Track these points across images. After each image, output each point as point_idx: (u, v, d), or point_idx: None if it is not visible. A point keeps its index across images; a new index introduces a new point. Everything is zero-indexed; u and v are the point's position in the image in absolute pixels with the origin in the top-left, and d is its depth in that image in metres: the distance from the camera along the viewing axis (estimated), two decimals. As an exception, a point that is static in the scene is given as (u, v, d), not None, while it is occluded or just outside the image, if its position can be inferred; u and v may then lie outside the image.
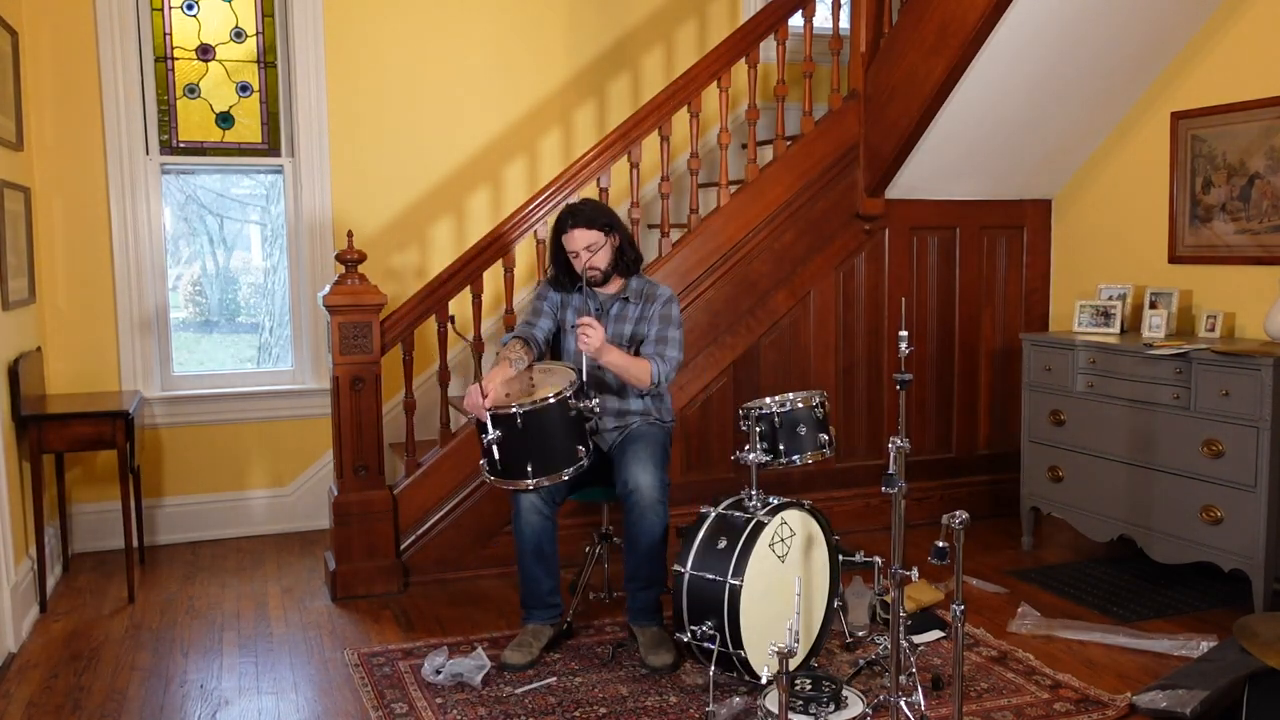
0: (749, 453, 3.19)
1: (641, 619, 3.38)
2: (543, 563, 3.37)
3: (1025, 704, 3.03)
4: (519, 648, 3.31)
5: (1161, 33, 4.15)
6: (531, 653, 3.31)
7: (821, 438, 3.39)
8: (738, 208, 4.46)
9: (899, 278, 4.78)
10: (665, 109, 4.36)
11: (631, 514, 3.27)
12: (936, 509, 4.72)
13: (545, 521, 3.34)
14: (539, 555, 3.36)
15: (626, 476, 3.28)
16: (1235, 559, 3.59)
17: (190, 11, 4.75)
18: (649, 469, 3.29)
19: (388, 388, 4.43)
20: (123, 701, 3.12)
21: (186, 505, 4.80)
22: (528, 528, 3.32)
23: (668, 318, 3.49)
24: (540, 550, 3.36)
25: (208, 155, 4.84)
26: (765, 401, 3.39)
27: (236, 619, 3.82)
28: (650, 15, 5.34)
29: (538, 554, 3.36)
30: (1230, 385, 3.58)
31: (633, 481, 3.26)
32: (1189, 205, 4.28)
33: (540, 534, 3.34)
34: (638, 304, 3.52)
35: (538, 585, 3.39)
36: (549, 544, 3.37)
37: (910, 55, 4.23)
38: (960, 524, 2.41)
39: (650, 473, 3.28)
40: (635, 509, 3.26)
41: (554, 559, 3.40)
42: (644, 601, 3.37)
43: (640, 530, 3.27)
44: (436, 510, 4.14)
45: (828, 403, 3.46)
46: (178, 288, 5.03)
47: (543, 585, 3.40)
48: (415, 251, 5.04)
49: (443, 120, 5.02)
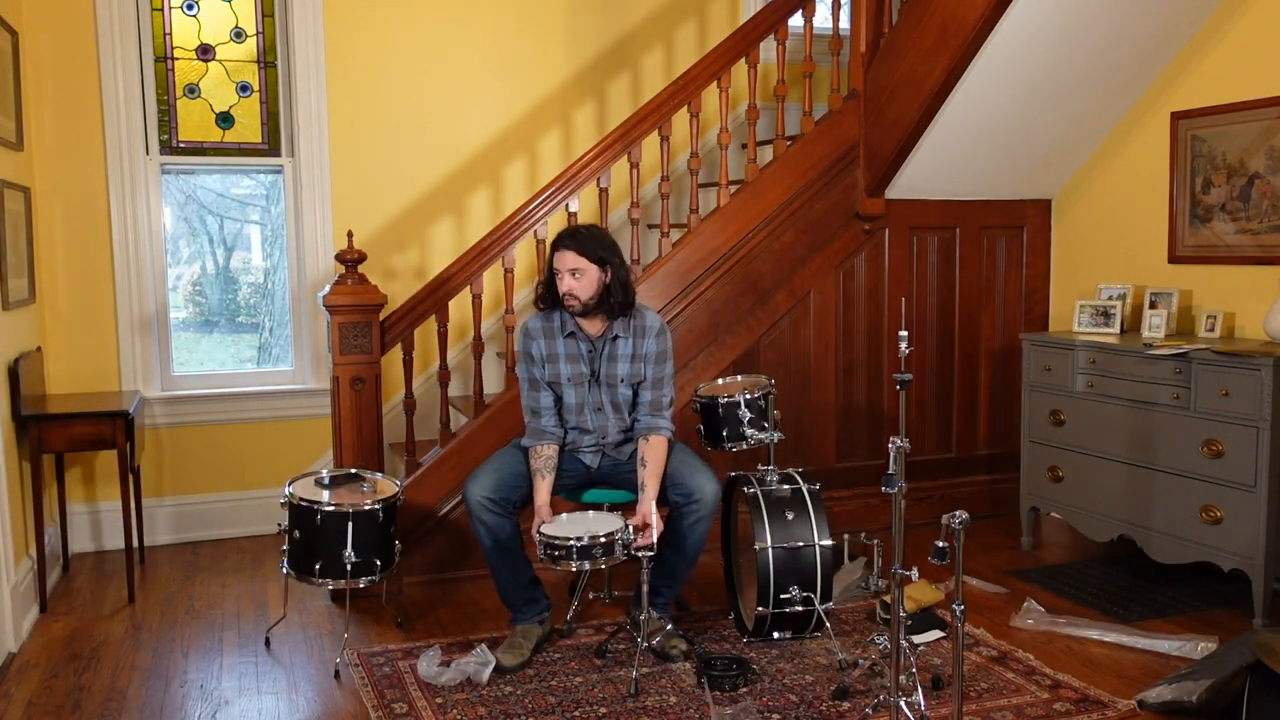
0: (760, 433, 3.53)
1: (661, 613, 3.46)
2: (508, 558, 3.37)
3: (1025, 704, 3.03)
4: (510, 649, 3.31)
5: (1161, 33, 4.15)
6: (523, 654, 3.30)
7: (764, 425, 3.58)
8: (738, 208, 4.46)
9: (899, 278, 4.78)
10: (665, 109, 4.36)
11: (687, 519, 3.35)
12: (936, 509, 4.72)
13: (499, 519, 3.32)
14: (501, 551, 3.35)
15: (692, 486, 3.33)
16: (1235, 559, 3.59)
17: (190, 11, 4.75)
18: (710, 477, 3.37)
19: (388, 388, 4.43)
20: (123, 701, 3.13)
21: (186, 505, 4.80)
22: (481, 526, 3.33)
23: (664, 355, 3.45)
24: (500, 546, 3.34)
25: (208, 155, 4.84)
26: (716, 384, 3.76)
27: (236, 619, 3.82)
28: (650, 15, 5.34)
29: (499, 549, 3.34)
30: (1230, 385, 3.58)
31: (699, 490, 3.32)
32: (1189, 205, 4.28)
33: (496, 530, 3.32)
34: (628, 338, 3.43)
35: (508, 583, 3.40)
36: (510, 540, 3.35)
37: (910, 55, 4.23)
38: (960, 524, 2.41)
39: (712, 480, 3.37)
40: (694, 514, 3.33)
41: (518, 554, 3.39)
42: (669, 597, 3.49)
43: (696, 534, 3.36)
44: (436, 510, 4.14)
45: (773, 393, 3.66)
46: (178, 288, 5.03)
47: (513, 582, 3.40)
48: (415, 251, 5.04)
49: (443, 120, 5.03)
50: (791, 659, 3.34)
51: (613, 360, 3.43)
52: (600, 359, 3.43)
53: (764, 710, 2.98)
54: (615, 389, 3.43)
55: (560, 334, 3.44)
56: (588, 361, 3.43)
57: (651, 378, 3.44)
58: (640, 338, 3.43)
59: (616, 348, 3.43)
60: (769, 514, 3.38)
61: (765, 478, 3.50)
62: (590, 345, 3.44)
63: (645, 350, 3.43)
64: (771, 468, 3.55)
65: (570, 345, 3.44)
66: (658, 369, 3.45)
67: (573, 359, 3.43)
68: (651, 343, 3.43)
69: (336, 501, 3.37)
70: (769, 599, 3.35)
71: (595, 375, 3.43)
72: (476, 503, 3.32)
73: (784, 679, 3.19)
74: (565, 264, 3.32)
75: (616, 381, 3.43)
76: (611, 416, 3.45)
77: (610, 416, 3.45)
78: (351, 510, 3.33)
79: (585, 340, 3.44)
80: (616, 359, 3.43)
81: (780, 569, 3.34)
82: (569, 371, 3.43)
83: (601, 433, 3.47)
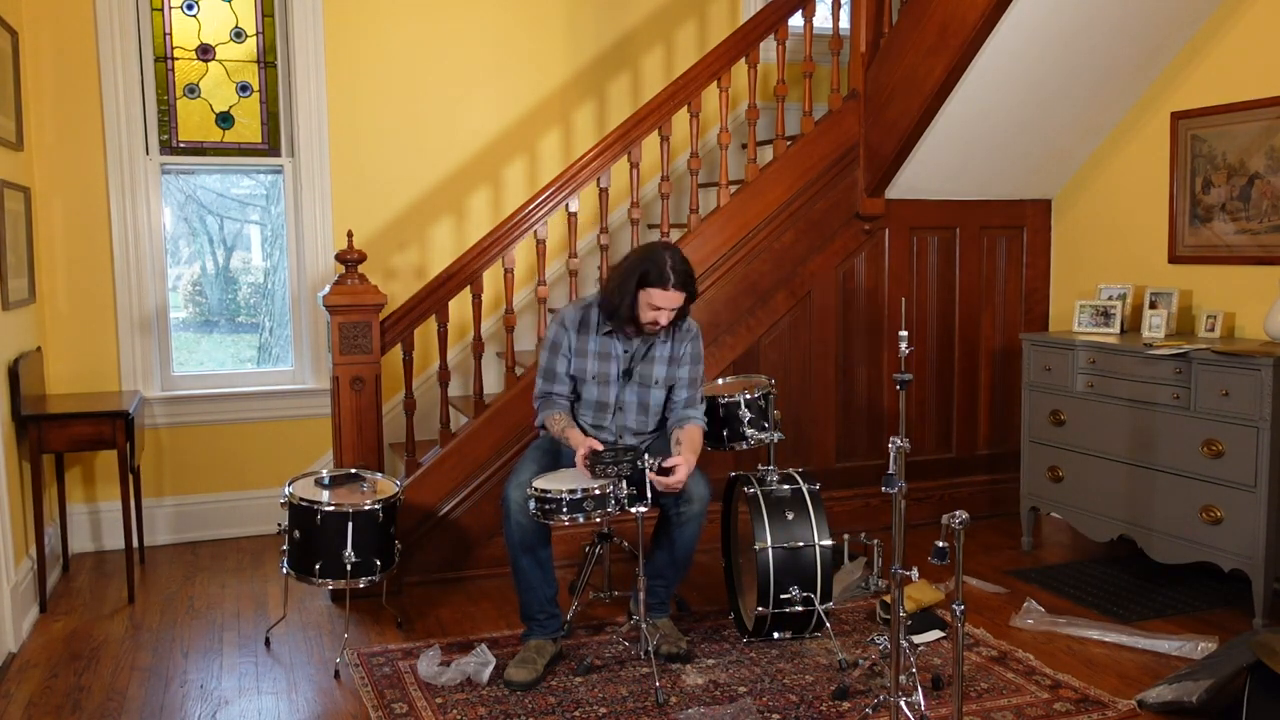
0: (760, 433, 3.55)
1: (658, 613, 3.46)
2: (539, 570, 3.30)
3: (1025, 704, 3.03)
4: (523, 664, 3.20)
5: (1161, 33, 4.15)
6: (536, 670, 3.19)
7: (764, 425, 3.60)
8: (738, 208, 4.46)
9: (899, 278, 4.78)
10: (665, 109, 4.36)
11: (678, 522, 3.35)
12: (936, 509, 4.72)
13: (536, 523, 3.21)
14: (534, 559, 3.28)
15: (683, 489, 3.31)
16: (1235, 559, 3.59)
17: (190, 11, 4.75)
18: (702, 480, 3.37)
19: (388, 388, 4.43)
20: (123, 701, 3.13)
21: (186, 505, 4.80)
22: (518, 530, 3.24)
23: (698, 356, 3.48)
24: (534, 553, 3.27)
25: (208, 155, 4.84)
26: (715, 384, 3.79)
27: (236, 619, 3.82)
28: (650, 15, 5.34)
29: (532, 557, 3.27)
30: (1230, 385, 3.58)
31: (689, 493, 3.32)
32: (1189, 205, 4.28)
33: (532, 534, 3.24)
34: (666, 340, 3.43)
35: (534, 593, 3.30)
36: (544, 548, 3.29)
37: (910, 55, 4.23)
38: (960, 524, 2.41)
39: (703, 484, 3.36)
40: (684, 516, 3.34)
41: (549, 565, 3.33)
42: (664, 597, 3.48)
43: (686, 536, 3.36)
44: (436, 510, 4.14)
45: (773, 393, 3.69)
46: (178, 288, 5.03)
47: (540, 595, 3.31)
48: (415, 251, 5.04)
49: (443, 120, 5.02)
50: (791, 659, 3.34)
51: (650, 362, 3.42)
52: (638, 360, 3.42)
53: (764, 710, 2.98)
54: (649, 389, 3.43)
55: (596, 331, 3.41)
56: (623, 361, 3.41)
57: (688, 378, 3.46)
58: (679, 343, 3.44)
59: (655, 349, 3.42)
60: (769, 514, 3.38)
61: (765, 478, 3.51)
62: (627, 346, 3.42)
63: (683, 353, 3.45)
64: (771, 468, 3.55)
65: (605, 344, 3.41)
66: (694, 369, 3.47)
67: (604, 357, 3.40)
68: (689, 346, 3.45)
69: (336, 501, 3.37)
70: (769, 599, 3.35)
71: (629, 375, 3.41)
72: (519, 505, 3.23)
73: (784, 679, 3.19)
74: (666, 302, 3.26)
75: (651, 383, 3.42)
76: (633, 417, 3.43)
77: (632, 417, 3.43)
78: (351, 510, 3.33)
79: (624, 341, 3.42)
80: (654, 361, 3.43)
81: (780, 569, 3.34)
82: (595, 369, 3.40)
83: (618, 434, 3.45)
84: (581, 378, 3.43)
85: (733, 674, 3.23)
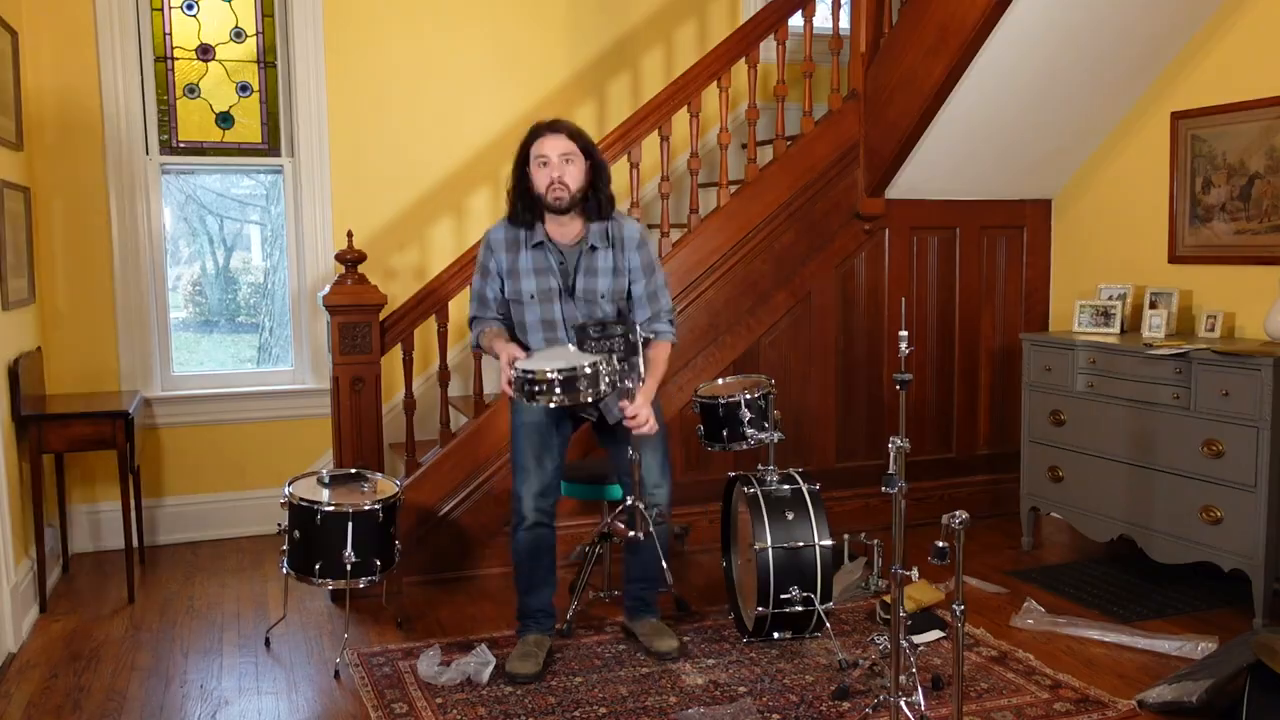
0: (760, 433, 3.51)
1: (644, 612, 3.45)
2: (543, 571, 3.35)
3: (1025, 704, 3.03)
4: (524, 657, 3.23)
5: (1161, 33, 4.15)
6: (538, 662, 3.24)
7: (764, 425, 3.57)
8: (738, 208, 4.46)
9: (899, 278, 4.78)
10: (665, 109, 4.36)
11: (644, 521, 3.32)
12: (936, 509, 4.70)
13: (547, 529, 3.32)
14: (537, 560, 3.33)
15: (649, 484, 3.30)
16: (1235, 559, 3.59)
17: (190, 11, 4.75)
18: (668, 477, 3.36)
19: (388, 388, 4.42)
20: (123, 701, 3.12)
21: (186, 505, 4.80)
22: (527, 534, 3.29)
23: (649, 265, 3.21)
24: (539, 555, 3.32)
25: (208, 155, 4.84)
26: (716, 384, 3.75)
27: (236, 619, 3.82)
28: (650, 15, 5.34)
29: (537, 558, 3.32)
30: (1230, 385, 3.58)
31: (652, 496, 3.30)
32: (1189, 205, 4.28)
33: (541, 540, 3.32)
34: (606, 249, 3.15)
35: (535, 593, 3.35)
36: (550, 549, 3.35)
37: (910, 55, 4.23)
38: (960, 524, 2.41)
39: (669, 482, 3.36)
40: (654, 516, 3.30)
41: (553, 566, 3.38)
42: (648, 596, 3.46)
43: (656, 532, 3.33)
44: (436, 510, 4.14)
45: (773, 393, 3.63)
46: (178, 288, 5.03)
47: (541, 594, 3.36)
48: (415, 251, 5.04)
49: (443, 120, 5.02)
50: (791, 659, 3.34)
51: (591, 274, 3.15)
52: (575, 273, 3.15)
53: (764, 710, 2.97)
54: (595, 305, 3.16)
55: (526, 246, 3.15)
56: (559, 275, 3.15)
57: (644, 293, 3.21)
58: (620, 250, 3.17)
59: (595, 260, 3.15)
60: (769, 514, 3.38)
61: (765, 478, 3.51)
62: (561, 257, 3.15)
63: (628, 263, 3.18)
64: (771, 468, 3.55)
65: (538, 258, 3.14)
66: (649, 281, 3.21)
67: (540, 273, 3.14)
68: (634, 255, 3.18)
69: (336, 501, 3.37)
70: (769, 599, 3.35)
71: (570, 290, 3.16)
72: (534, 517, 3.27)
73: (784, 679, 3.19)
74: (556, 148, 3.05)
75: (596, 298, 3.15)
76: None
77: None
78: (351, 510, 3.33)
79: (555, 252, 3.15)
80: (596, 272, 3.15)
81: (780, 569, 3.34)
82: (533, 287, 3.14)
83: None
84: (519, 300, 3.17)
85: (733, 674, 3.23)
